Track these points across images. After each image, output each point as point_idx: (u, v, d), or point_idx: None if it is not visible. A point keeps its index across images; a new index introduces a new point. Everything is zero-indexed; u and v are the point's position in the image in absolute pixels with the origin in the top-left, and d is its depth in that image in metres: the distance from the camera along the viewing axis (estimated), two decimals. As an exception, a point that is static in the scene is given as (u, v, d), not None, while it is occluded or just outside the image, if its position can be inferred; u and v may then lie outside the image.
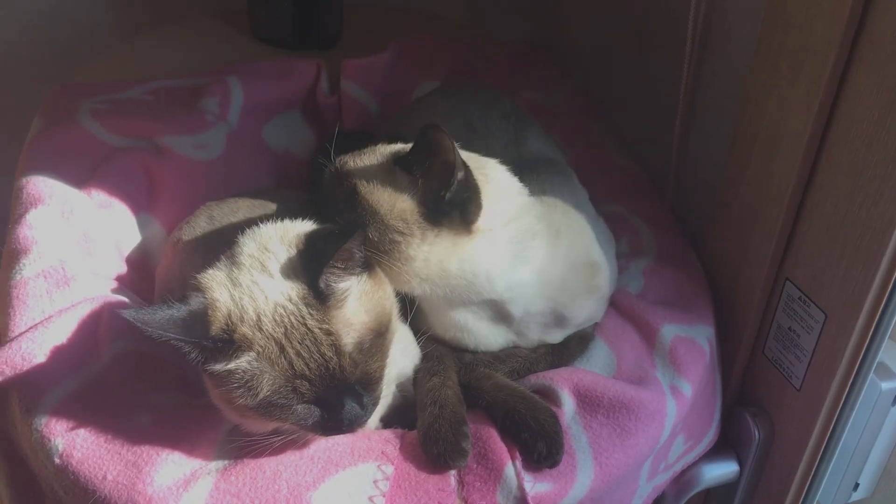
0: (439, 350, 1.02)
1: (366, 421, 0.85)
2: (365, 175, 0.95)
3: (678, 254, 1.23)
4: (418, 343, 1.02)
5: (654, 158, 1.43)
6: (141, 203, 1.24)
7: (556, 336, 1.07)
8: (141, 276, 1.19)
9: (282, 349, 0.79)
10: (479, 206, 0.94)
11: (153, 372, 0.95)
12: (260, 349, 0.79)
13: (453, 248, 0.94)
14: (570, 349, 1.07)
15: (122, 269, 1.16)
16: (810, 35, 0.95)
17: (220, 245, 0.92)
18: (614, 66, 1.62)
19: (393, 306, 0.91)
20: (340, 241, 0.81)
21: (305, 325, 0.80)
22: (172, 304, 0.79)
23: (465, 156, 0.98)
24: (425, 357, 1.01)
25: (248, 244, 0.86)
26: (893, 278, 0.94)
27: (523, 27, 1.97)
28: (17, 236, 1.07)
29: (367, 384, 0.84)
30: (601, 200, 1.26)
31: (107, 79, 1.48)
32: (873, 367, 1.03)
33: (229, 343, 0.79)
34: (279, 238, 0.86)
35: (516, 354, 1.05)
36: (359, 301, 0.85)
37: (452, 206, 0.93)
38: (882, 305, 0.96)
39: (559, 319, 1.04)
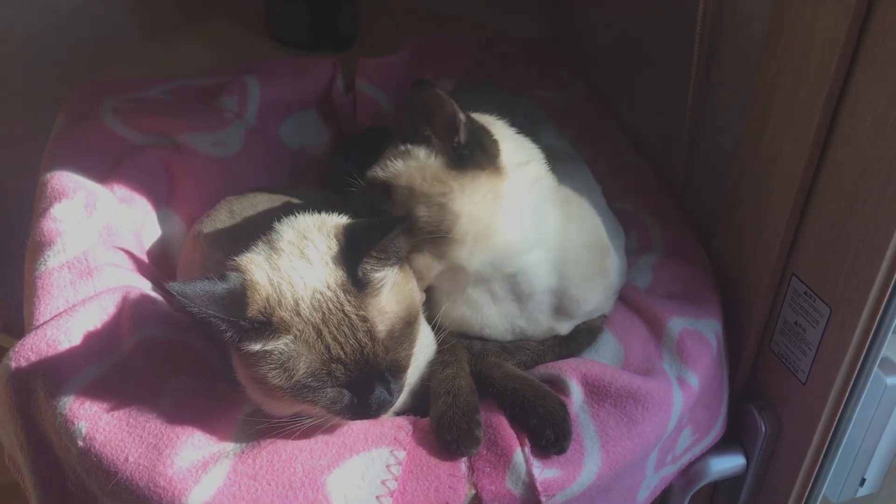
0: (452, 342, 1.04)
1: (391, 406, 0.88)
2: (387, 168, 1.00)
3: (686, 249, 1.25)
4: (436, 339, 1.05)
5: (664, 156, 1.44)
6: (161, 198, 1.27)
7: (564, 326, 1.09)
8: (161, 268, 1.22)
9: (319, 333, 0.82)
10: (494, 140, 0.99)
11: (174, 358, 0.98)
12: (298, 332, 0.82)
13: (491, 192, 0.98)
14: (577, 341, 1.09)
15: (143, 261, 1.19)
16: (816, 32, 0.97)
17: (241, 238, 0.94)
18: (626, 65, 1.64)
19: (419, 300, 0.94)
20: (381, 232, 0.85)
21: (343, 311, 0.84)
22: (212, 280, 0.81)
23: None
24: (438, 349, 1.04)
25: (287, 231, 0.89)
26: (897, 272, 0.95)
27: (537, 27, 1.99)
28: (41, 229, 1.10)
29: (396, 371, 0.87)
30: (612, 197, 1.28)
31: (128, 78, 1.51)
32: (878, 362, 1.05)
33: (267, 325, 0.82)
34: (317, 228, 0.89)
35: (524, 346, 1.07)
36: (391, 291, 0.88)
37: (471, 147, 0.97)
38: (886, 299, 0.98)
39: (568, 302, 1.06)
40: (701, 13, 1.22)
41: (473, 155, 0.97)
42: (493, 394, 0.99)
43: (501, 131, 1.04)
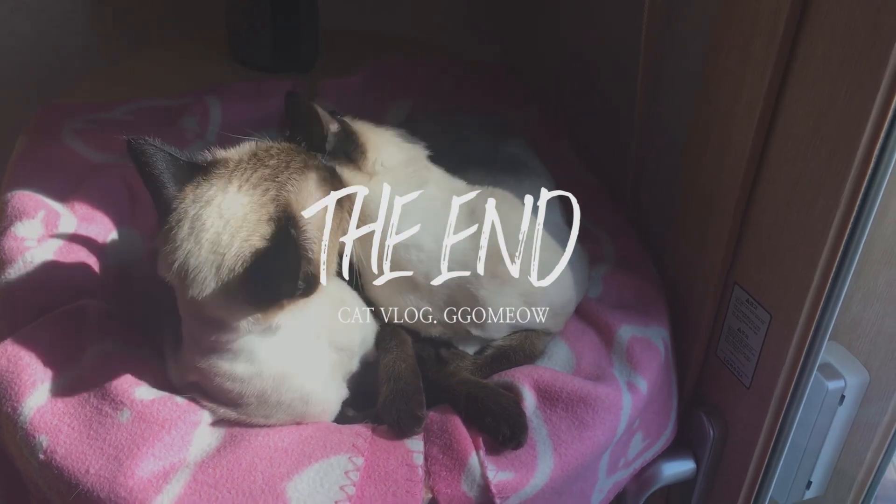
0: (393, 326, 1.09)
1: None
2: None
3: (636, 261, 1.29)
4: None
5: (615, 174, 1.50)
6: (123, 216, 1.28)
7: (479, 328, 1.10)
8: (122, 285, 1.23)
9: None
10: (363, 151, 1.05)
11: (134, 372, 0.99)
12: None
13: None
14: (512, 360, 1.11)
15: (105, 278, 1.20)
16: (750, 56, 1.02)
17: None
18: (578, 87, 1.69)
19: None
20: None
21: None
22: None
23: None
24: (381, 334, 1.08)
25: None
26: (830, 278, 1.00)
27: (498, 53, 2.04)
28: (2, 247, 1.11)
29: None
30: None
31: (90, 100, 1.52)
32: (817, 365, 1.09)
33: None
34: None
35: (459, 360, 1.11)
36: None
37: (336, 154, 1.03)
38: (821, 304, 1.02)
39: (468, 298, 1.07)
40: (644, 37, 1.28)
41: (338, 162, 1.03)
42: (449, 399, 1.02)
43: (380, 136, 1.09)
